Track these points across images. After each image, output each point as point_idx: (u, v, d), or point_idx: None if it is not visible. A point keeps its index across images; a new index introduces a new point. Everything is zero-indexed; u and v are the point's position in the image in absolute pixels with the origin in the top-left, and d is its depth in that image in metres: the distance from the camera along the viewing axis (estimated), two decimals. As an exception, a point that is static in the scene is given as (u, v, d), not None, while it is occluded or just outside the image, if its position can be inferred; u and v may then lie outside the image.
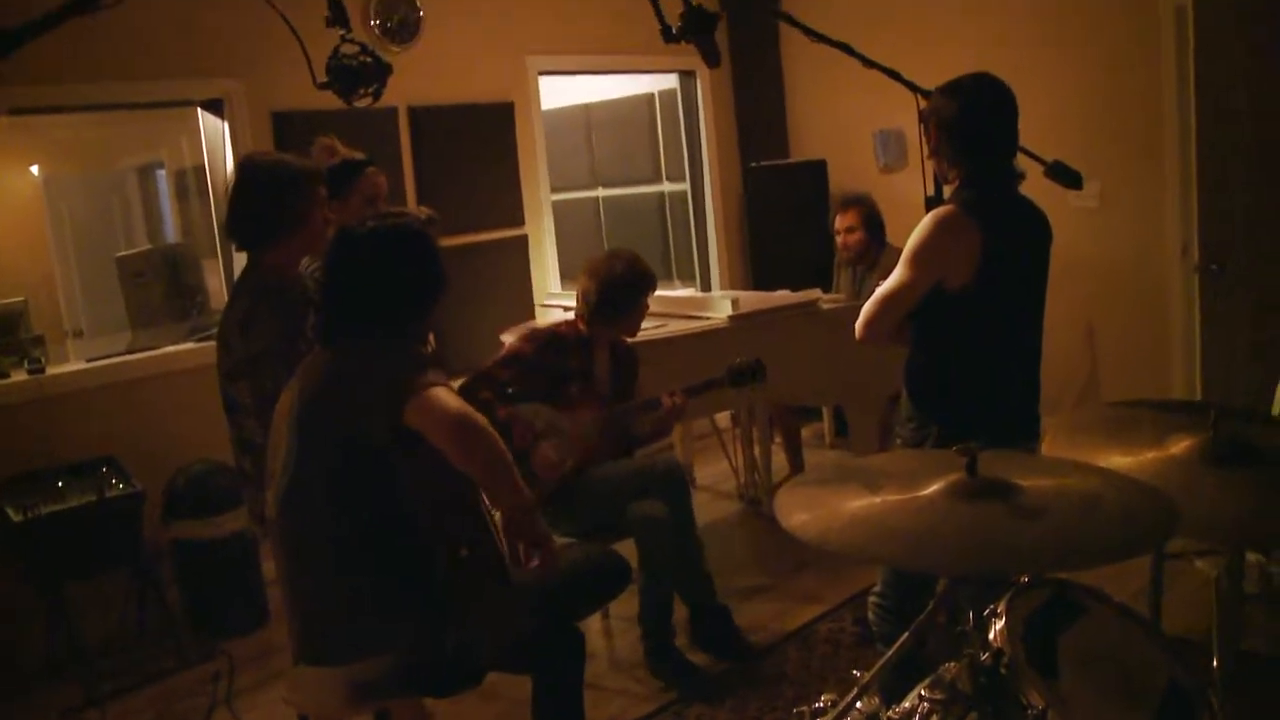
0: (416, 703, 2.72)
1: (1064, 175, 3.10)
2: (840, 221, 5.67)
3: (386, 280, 2.53)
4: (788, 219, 6.92)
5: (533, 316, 6.01)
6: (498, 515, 2.63)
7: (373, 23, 5.50)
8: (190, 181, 5.95)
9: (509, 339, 4.33)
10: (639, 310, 4.02)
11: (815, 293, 5.27)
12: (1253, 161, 4.80)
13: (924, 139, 3.03)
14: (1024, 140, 2.99)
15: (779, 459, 5.92)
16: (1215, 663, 2.30)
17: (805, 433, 6.31)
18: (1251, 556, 3.69)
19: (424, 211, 2.79)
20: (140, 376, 4.86)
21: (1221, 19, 4.71)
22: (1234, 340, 4.84)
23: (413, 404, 2.30)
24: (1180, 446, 2.20)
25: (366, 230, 2.57)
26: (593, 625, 4.32)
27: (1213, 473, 2.12)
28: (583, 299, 3.98)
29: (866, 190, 5.95)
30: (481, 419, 2.35)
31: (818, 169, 7.04)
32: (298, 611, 2.56)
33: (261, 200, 3.00)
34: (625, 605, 4.10)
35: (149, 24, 4.76)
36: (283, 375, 2.62)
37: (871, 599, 3.13)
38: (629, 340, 4.17)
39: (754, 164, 7.20)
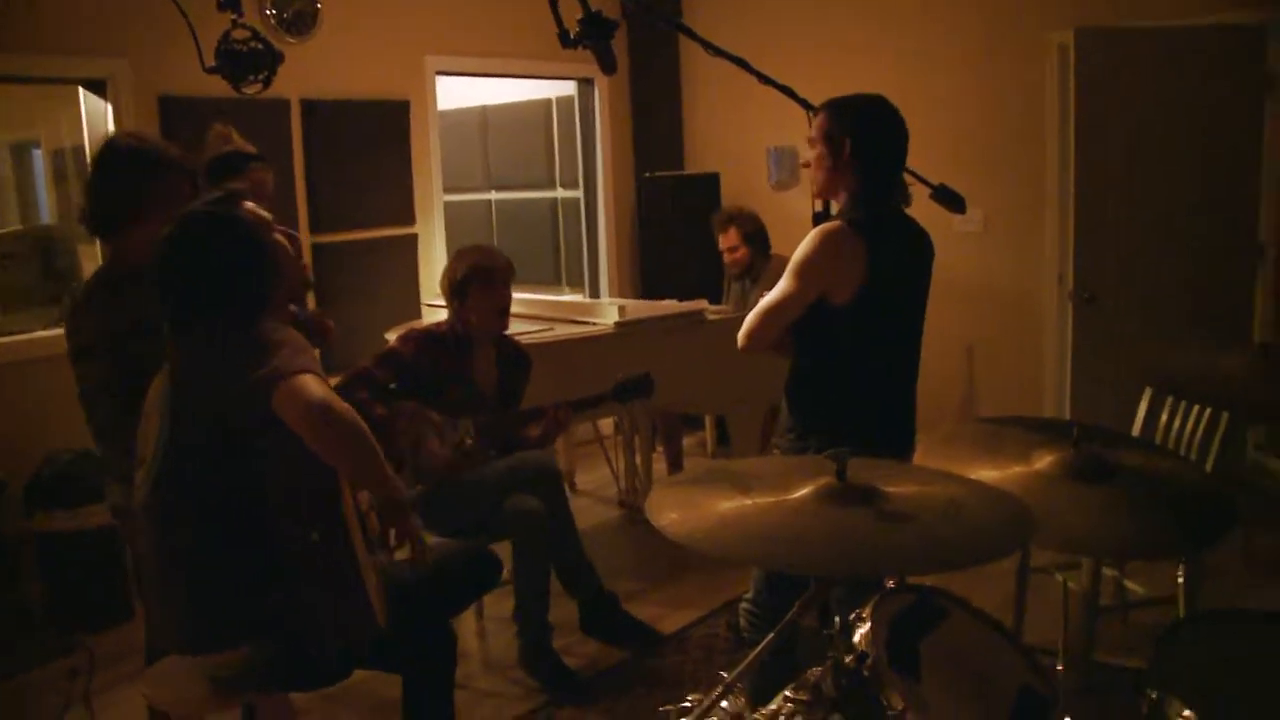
0: (282, 700, 2.67)
1: (948, 198, 3.18)
2: (722, 241, 5.75)
3: (213, 267, 2.42)
4: (679, 230, 7.00)
5: (419, 316, 5.96)
6: (370, 514, 2.60)
7: (268, 12, 5.40)
8: (69, 163, 5.76)
9: (393, 338, 4.29)
10: (482, 301, 3.91)
11: (701, 303, 5.32)
12: (1126, 198, 5.00)
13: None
14: (911, 163, 3.06)
15: (660, 467, 5.97)
16: (1060, 668, 2.37)
17: (687, 441, 6.37)
18: (1108, 571, 3.83)
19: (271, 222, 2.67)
20: (4, 361, 4.69)
21: (1102, 58, 4.89)
22: (1101, 365, 5.03)
23: (281, 390, 2.24)
24: (1044, 462, 2.26)
25: (189, 215, 2.47)
26: (466, 626, 4.30)
27: (1073, 487, 2.18)
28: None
29: (752, 205, 6.01)
30: (345, 407, 2.29)
31: (710, 182, 7.12)
32: (162, 597, 2.50)
33: (121, 184, 2.87)
34: (499, 607, 4.09)
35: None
36: (145, 358, 2.54)
37: (743, 605, 3.17)
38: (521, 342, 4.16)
39: (648, 174, 7.26)
